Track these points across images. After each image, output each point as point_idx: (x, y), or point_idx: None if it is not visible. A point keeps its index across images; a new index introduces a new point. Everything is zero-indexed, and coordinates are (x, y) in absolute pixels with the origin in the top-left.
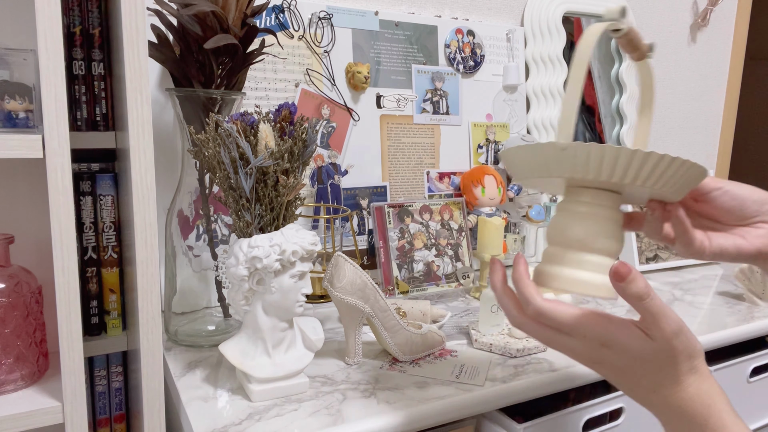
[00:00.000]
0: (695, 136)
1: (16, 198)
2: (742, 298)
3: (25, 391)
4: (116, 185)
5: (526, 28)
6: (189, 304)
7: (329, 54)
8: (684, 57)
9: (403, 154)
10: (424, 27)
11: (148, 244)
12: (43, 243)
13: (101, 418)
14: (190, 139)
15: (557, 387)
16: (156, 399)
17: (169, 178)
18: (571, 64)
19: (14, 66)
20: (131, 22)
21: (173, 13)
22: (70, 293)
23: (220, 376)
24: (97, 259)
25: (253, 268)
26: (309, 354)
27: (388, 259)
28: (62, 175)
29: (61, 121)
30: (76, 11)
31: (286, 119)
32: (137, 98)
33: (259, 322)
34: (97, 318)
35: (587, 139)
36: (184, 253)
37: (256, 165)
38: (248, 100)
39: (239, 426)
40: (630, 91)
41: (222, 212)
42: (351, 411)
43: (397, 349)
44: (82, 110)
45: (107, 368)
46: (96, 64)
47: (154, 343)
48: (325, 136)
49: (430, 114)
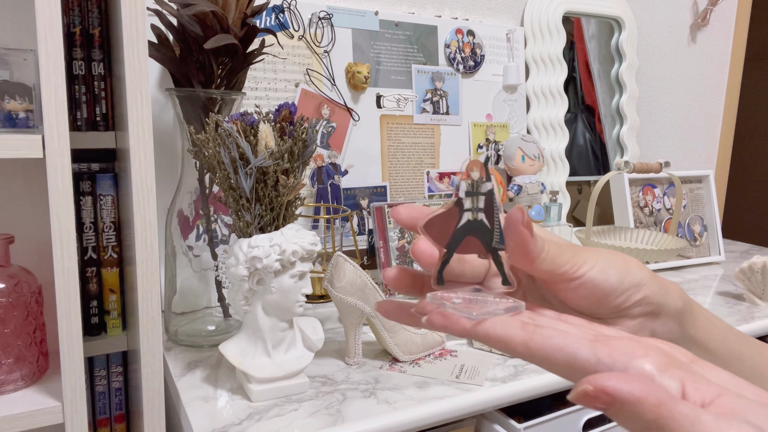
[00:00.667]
0: (695, 136)
1: (16, 198)
2: (742, 298)
3: (25, 391)
4: (116, 185)
5: (526, 28)
6: (189, 304)
7: (329, 54)
8: (684, 57)
9: (403, 154)
10: (424, 27)
11: (148, 244)
12: (43, 243)
13: (101, 418)
14: (190, 139)
15: (557, 387)
16: (156, 399)
17: (169, 178)
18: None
19: (14, 66)
20: (131, 22)
21: (173, 13)
22: (70, 293)
23: (220, 376)
24: (97, 259)
25: (253, 268)
26: (309, 354)
27: (388, 259)
28: (62, 175)
29: (61, 121)
30: (76, 11)
31: (286, 119)
32: (137, 98)
33: (259, 322)
34: (97, 318)
35: (587, 140)
36: (184, 253)
37: (256, 165)
38: (248, 100)
39: (239, 426)
40: (630, 91)
41: (222, 212)
42: (351, 411)
43: (397, 349)
44: (82, 110)
45: (107, 368)
46: (96, 64)
47: (154, 343)
48: (325, 136)
49: (430, 114)
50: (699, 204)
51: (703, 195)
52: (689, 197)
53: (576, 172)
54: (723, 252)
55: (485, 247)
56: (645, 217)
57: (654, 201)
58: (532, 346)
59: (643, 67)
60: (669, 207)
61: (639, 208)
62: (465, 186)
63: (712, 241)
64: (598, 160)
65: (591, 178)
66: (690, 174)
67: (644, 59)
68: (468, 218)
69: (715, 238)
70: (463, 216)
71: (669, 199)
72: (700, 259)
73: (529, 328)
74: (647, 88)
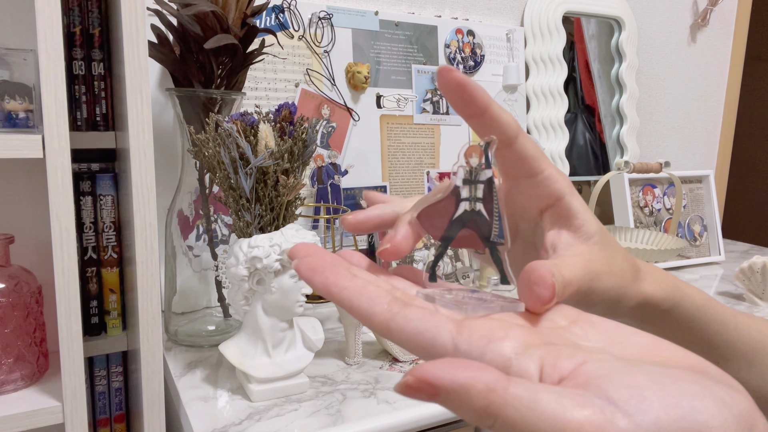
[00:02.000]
0: (695, 136)
1: (16, 198)
2: (743, 298)
3: (25, 391)
4: (116, 185)
5: (526, 28)
6: (189, 304)
7: (329, 54)
8: (684, 57)
9: (403, 154)
10: (424, 27)
11: (148, 244)
12: (43, 243)
13: (101, 418)
14: (190, 139)
15: None
16: (156, 399)
17: (169, 178)
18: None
19: (14, 66)
20: (131, 22)
21: (173, 13)
22: (70, 293)
23: (220, 376)
24: (97, 259)
25: (253, 268)
26: (309, 354)
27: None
28: (62, 175)
29: (61, 121)
30: (76, 11)
31: (286, 119)
32: (137, 98)
33: (259, 322)
34: (97, 318)
35: (587, 140)
36: (184, 253)
37: (256, 165)
38: (248, 100)
39: (239, 426)
40: (630, 91)
41: (222, 212)
42: (351, 411)
43: (397, 349)
44: (82, 110)
45: (107, 368)
46: (96, 64)
47: (154, 343)
48: (325, 136)
49: (430, 114)
50: (699, 204)
51: (703, 195)
52: (689, 197)
53: (576, 172)
54: (723, 252)
55: (483, 242)
56: (645, 217)
57: (654, 201)
58: (392, 326)
59: (643, 67)
60: (669, 207)
61: (639, 208)
62: (462, 173)
63: (712, 241)
64: (598, 160)
65: (591, 178)
66: (690, 174)
67: (644, 59)
68: (465, 209)
69: (715, 238)
70: (460, 206)
71: (669, 199)
72: (700, 259)
73: (393, 308)
74: (647, 88)
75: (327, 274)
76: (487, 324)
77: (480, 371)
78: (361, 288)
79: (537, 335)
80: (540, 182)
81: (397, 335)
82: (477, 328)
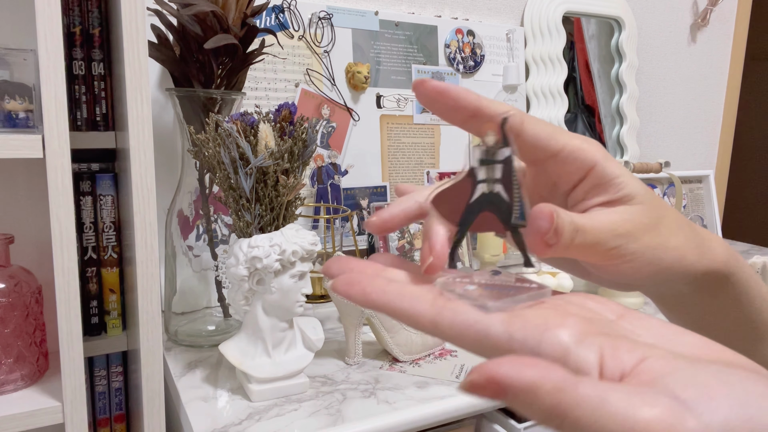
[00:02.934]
0: (695, 136)
1: (16, 198)
2: None
3: (25, 391)
4: (116, 185)
5: (526, 28)
6: (189, 304)
7: (329, 54)
8: (684, 57)
9: (403, 154)
10: (424, 27)
11: (148, 244)
12: (43, 243)
13: (101, 418)
14: (190, 139)
15: None
16: (156, 399)
17: (169, 178)
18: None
19: (14, 66)
20: (131, 22)
21: (173, 13)
22: (70, 293)
23: (220, 376)
24: (97, 259)
25: (253, 268)
26: (309, 354)
27: None
28: (62, 175)
29: (61, 121)
30: (76, 11)
31: (286, 119)
32: (137, 98)
33: (259, 322)
34: (97, 318)
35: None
36: (184, 253)
37: (256, 165)
38: (248, 100)
39: (239, 426)
40: (630, 91)
41: (222, 212)
42: (351, 411)
43: (397, 349)
44: (82, 110)
45: (107, 368)
46: (96, 64)
47: (154, 343)
48: (325, 136)
49: (430, 114)
50: (699, 204)
51: (703, 195)
52: (689, 197)
53: None
54: None
55: (504, 225)
56: None
57: None
58: (440, 322)
59: (643, 67)
60: None
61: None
62: (479, 153)
63: None
64: None
65: None
66: (690, 174)
67: (644, 59)
68: (483, 191)
69: None
70: (477, 188)
71: (669, 199)
72: None
73: (438, 303)
74: (647, 88)
75: (363, 285)
76: (542, 312)
77: (548, 370)
78: (401, 289)
79: (592, 325)
80: (565, 158)
81: (446, 331)
82: (532, 317)
